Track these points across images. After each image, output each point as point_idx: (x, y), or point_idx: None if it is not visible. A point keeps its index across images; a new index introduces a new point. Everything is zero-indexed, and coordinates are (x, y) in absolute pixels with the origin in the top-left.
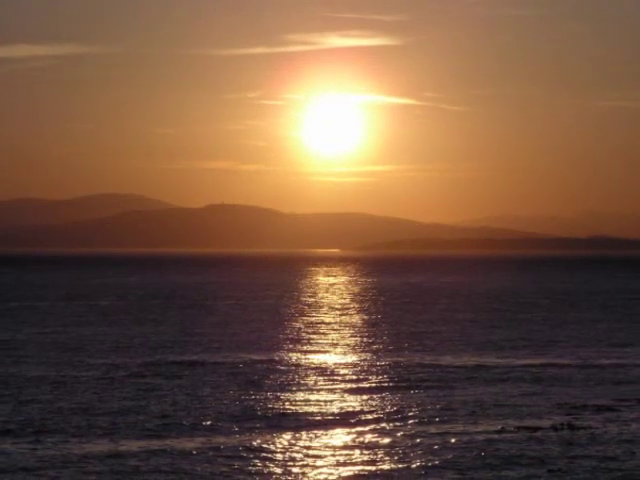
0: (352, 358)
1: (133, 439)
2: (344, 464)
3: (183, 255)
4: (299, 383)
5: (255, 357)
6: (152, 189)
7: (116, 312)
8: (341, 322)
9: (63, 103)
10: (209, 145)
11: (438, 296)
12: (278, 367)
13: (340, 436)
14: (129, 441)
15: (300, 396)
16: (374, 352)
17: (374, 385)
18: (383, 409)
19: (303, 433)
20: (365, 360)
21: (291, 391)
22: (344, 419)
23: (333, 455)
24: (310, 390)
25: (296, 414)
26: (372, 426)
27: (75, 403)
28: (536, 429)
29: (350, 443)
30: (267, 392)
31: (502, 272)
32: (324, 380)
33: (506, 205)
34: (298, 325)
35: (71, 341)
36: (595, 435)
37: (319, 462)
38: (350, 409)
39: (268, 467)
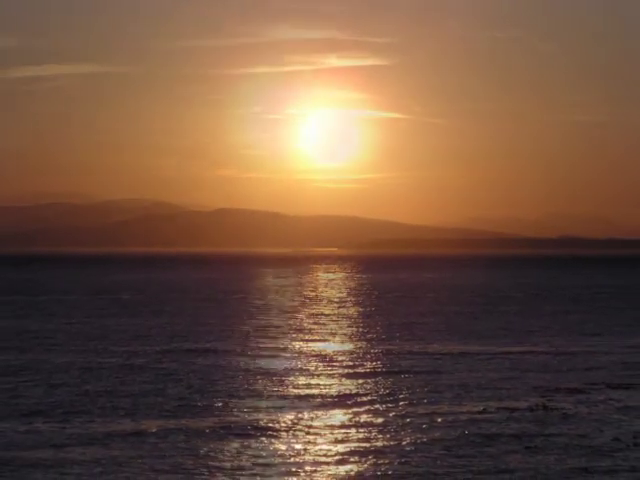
0: (349, 346)
1: (152, 419)
2: (341, 441)
3: (196, 254)
4: (301, 369)
5: (261, 345)
6: (168, 194)
7: (136, 305)
8: (339, 314)
9: (88, 117)
10: (219, 155)
11: (425, 290)
12: (282, 354)
13: (338, 416)
14: (149, 421)
15: (302, 380)
16: (368, 341)
17: (368, 370)
18: (377, 392)
19: (305, 413)
20: (360, 348)
21: (294, 375)
22: (341, 401)
23: (332, 433)
24: (311, 375)
25: (298, 396)
26: (367, 407)
27: (100, 387)
28: (514, 410)
29: (347, 422)
30: (272, 376)
31: (482, 269)
32: (324, 366)
33: (480, 208)
34: (300, 316)
35: (95, 331)
36: (567, 415)
37: (319, 439)
38: (347, 392)
39: (273, 443)
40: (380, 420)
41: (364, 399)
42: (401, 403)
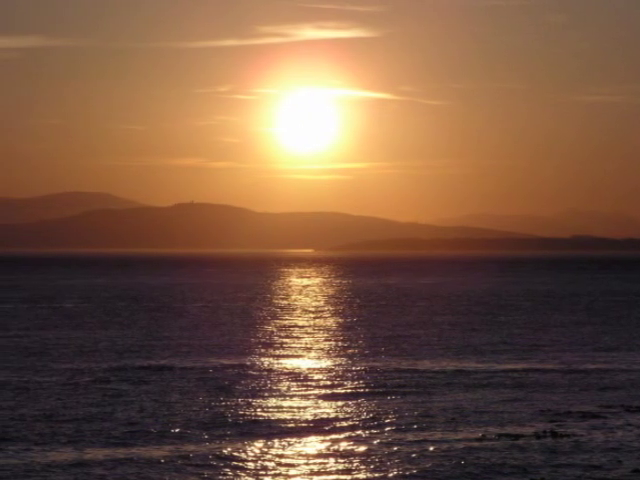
0: (326, 363)
1: (98, 447)
2: (318, 473)
3: (151, 255)
4: (271, 389)
5: (226, 362)
6: (119, 187)
7: (81, 315)
8: (315, 325)
9: (27, 98)
10: (178, 141)
11: (416, 298)
12: (249, 372)
13: (314, 444)
14: (94, 449)
15: (272, 402)
16: (349, 356)
17: (349, 391)
18: (359, 416)
19: (275, 441)
20: (340, 365)
21: (263, 397)
22: (318, 426)
23: (307, 464)
24: (283, 396)
25: (268, 421)
26: (347, 433)
27: (38, 410)
28: (518, 437)
29: (324, 451)
30: (238, 398)
31: (482, 273)
32: (297, 386)
33: (485, 204)
34: (270, 328)
35: (34, 345)
36: (579, 443)
37: (292, 471)
38: (324, 416)
39: (239, 476)
40: (362, 448)
41: (344, 424)
42: (387, 429)
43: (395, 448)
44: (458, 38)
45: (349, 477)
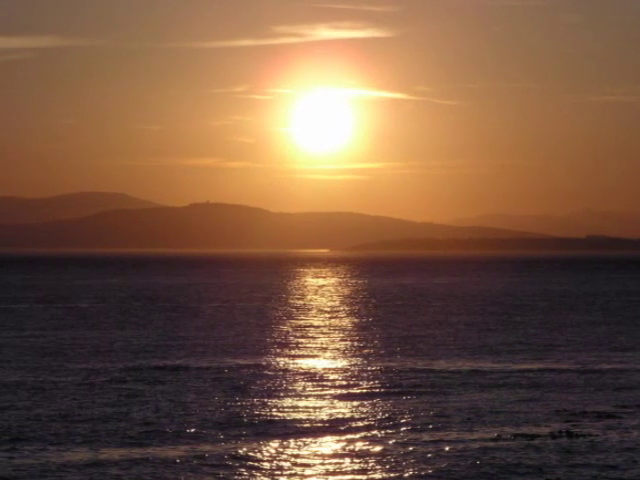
0: (342, 363)
1: (114, 447)
2: (334, 473)
3: (167, 255)
4: (287, 389)
5: (241, 362)
6: (135, 187)
7: (97, 315)
8: (330, 325)
9: (43, 98)
10: (194, 141)
11: (431, 298)
12: (265, 372)
13: (329, 444)
14: (110, 449)
15: (288, 402)
16: (365, 356)
17: (365, 391)
18: (374, 416)
19: (291, 441)
20: (356, 365)
21: (278, 397)
22: (333, 426)
23: (322, 464)
24: (298, 396)
25: (284, 421)
26: (363, 434)
27: (54, 410)
28: (534, 437)
29: (340, 451)
30: (254, 398)
31: (497, 273)
32: (313, 386)
33: (500, 204)
34: (286, 328)
35: (50, 345)
36: (595, 443)
37: (308, 471)
38: (340, 416)
39: (255, 476)
40: (378, 448)
41: (360, 424)
42: (402, 429)
43: (411, 448)
44: (473, 38)
45: (365, 477)
